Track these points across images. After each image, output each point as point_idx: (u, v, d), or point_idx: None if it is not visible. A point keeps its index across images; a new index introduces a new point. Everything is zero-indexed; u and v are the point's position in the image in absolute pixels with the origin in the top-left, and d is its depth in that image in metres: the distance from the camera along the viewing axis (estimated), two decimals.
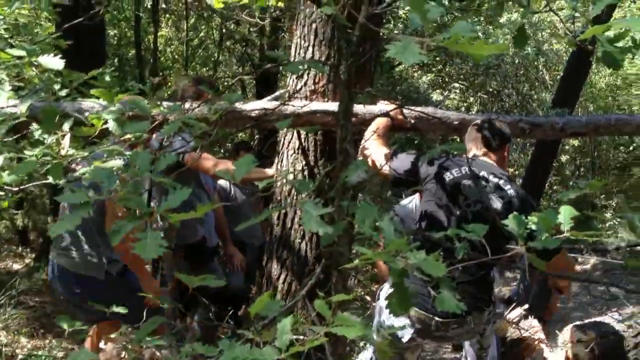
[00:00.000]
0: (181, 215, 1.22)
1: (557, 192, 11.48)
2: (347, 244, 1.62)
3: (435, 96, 11.66)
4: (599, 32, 1.32)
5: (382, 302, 2.71)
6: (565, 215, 1.44)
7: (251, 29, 7.10)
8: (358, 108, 2.88)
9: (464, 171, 2.55)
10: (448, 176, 2.54)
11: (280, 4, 4.90)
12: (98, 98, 2.08)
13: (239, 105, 2.48)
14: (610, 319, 3.36)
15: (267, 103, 2.68)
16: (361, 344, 5.22)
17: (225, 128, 2.42)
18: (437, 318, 2.53)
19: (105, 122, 1.88)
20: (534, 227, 1.40)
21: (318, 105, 2.88)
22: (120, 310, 2.41)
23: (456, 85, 11.82)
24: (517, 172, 11.90)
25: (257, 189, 4.77)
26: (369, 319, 2.92)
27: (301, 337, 1.18)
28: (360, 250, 1.22)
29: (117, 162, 1.62)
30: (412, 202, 4.01)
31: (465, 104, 11.98)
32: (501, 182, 2.55)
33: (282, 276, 3.21)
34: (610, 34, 1.32)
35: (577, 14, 1.74)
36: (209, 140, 2.22)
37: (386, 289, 2.76)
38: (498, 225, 1.66)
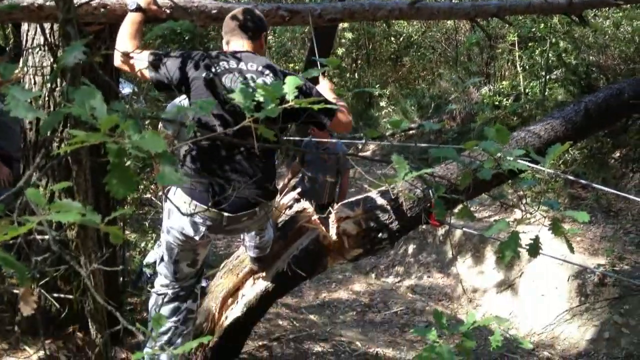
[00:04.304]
0: None
1: (334, 84, 11.96)
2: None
3: None
4: None
5: (170, 205, 2.69)
6: (290, 85, 1.49)
7: None
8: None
9: (226, 66, 2.55)
10: (211, 73, 2.53)
11: None
12: None
13: None
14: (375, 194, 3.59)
15: None
16: (149, 245, 5.20)
17: None
18: (226, 214, 2.60)
19: None
20: (261, 99, 1.43)
21: None
22: None
23: None
24: (297, 67, 12.19)
25: None
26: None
27: None
28: (72, 133, 1.15)
29: None
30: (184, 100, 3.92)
31: None
32: (260, 68, 2.60)
33: (44, 182, 3.02)
34: None
35: None
36: None
37: (173, 191, 2.73)
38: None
